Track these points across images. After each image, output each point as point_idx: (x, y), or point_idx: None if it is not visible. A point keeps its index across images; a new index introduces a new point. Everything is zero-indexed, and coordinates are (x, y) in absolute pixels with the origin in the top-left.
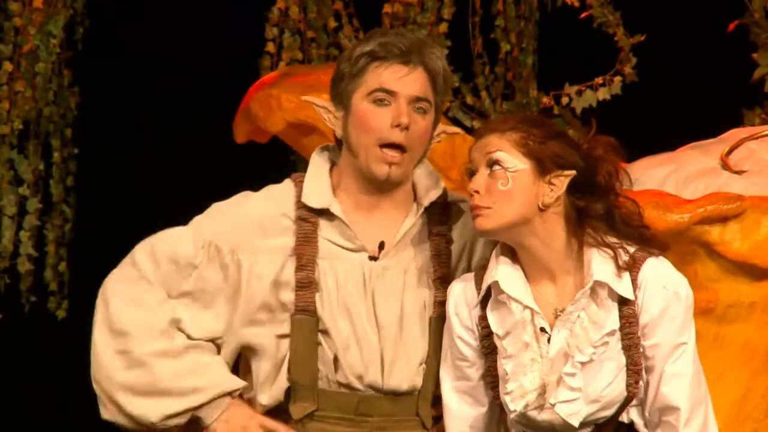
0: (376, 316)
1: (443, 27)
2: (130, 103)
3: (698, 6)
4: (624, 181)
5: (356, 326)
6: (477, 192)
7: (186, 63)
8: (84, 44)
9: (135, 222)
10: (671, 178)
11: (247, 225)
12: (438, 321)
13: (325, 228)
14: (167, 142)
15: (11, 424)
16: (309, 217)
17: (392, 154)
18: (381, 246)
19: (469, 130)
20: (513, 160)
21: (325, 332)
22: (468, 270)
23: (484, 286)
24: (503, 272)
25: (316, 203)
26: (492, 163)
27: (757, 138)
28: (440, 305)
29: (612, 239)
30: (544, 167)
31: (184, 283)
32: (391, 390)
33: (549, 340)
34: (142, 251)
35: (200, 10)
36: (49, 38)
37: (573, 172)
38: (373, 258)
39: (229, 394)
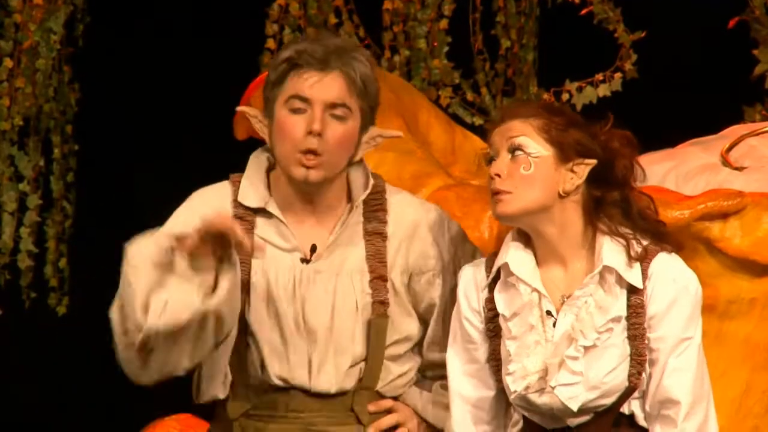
0: (305, 320)
1: (444, 23)
2: (130, 99)
3: (699, 2)
4: (639, 176)
5: (284, 330)
6: (498, 176)
7: (186, 59)
8: (84, 41)
9: (135, 218)
10: (671, 174)
11: (192, 221)
12: (379, 321)
13: (261, 227)
14: (167, 138)
15: (11, 420)
16: (245, 216)
17: (308, 158)
18: (313, 249)
19: (470, 127)
20: (536, 145)
21: (252, 335)
22: (406, 266)
23: (494, 268)
24: (514, 255)
25: (252, 202)
26: (514, 148)
27: (757, 134)
28: (380, 305)
29: (626, 230)
30: (566, 155)
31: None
32: (318, 392)
33: (554, 325)
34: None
35: (200, 6)
36: (50, 34)
37: (594, 161)
38: (304, 261)
39: None
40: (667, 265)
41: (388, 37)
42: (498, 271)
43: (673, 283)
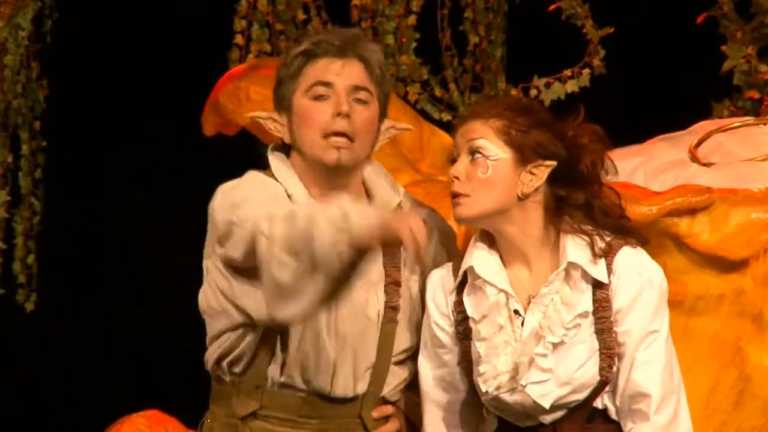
0: (337, 328)
1: (412, 19)
2: (98, 95)
3: None
4: (610, 170)
5: (315, 336)
6: (457, 178)
7: (154, 55)
8: (52, 37)
9: (103, 215)
10: (640, 170)
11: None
12: (388, 326)
13: None
14: (136, 134)
15: None
16: None
17: (339, 140)
18: None
19: (438, 123)
20: (494, 148)
21: (282, 337)
22: (421, 272)
23: (461, 272)
24: (479, 257)
25: (300, 197)
26: (473, 151)
27: (725, 130)
28: (391, 310)
29: (589, 227)
30: (525, 157)
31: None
32: (337, 396)
33: (523, 324)
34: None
35: (169, 3)
36: (18, 31)
37: (554, 163)
38: None
39: None
40: (632, 259)
41: None
42: (465, 275)
43: (637, 276)
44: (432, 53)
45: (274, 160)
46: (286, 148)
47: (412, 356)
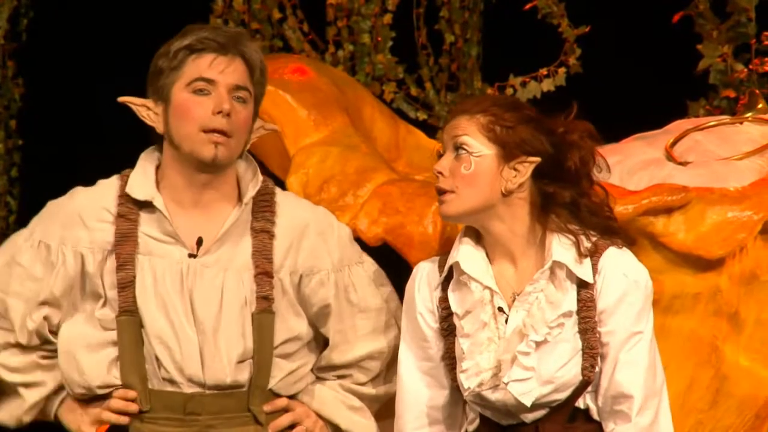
0: (194, 313)
1: (387, 18)
2: (74, 94)
3: None
4: (602, 166)
5: (173, 322)
6: (441, 174)
7: (130, 54)
8: (28, 35)
9: None
10: (616, 169)
11: (70, 218)
12: (262, 316)
13: (145, 223)
14: (112, 133)
15: None
16: (129, 213)
17: (217, 136)
18: (199, 242)
19: (414, 122)
20: (478, 145)
21: (144, 328)
22: (295, 266)
23: (446, 267)
24: (465, 253)
25: (139, 195)
26: (458, 147)
27: (701, 129)
28: (264, 300)
29: (574, 226)
30: (509, 153)
31: (24, 285)
32: (213, 384)
33: (507, 321)
34: None
35: (145, 2)
36: None
37: (537, 159)
38: (192, 255)
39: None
40: (618, 260)
41: (332, 32)
42: (451, 270)
43: (623, 277)
44: (408, 52)
45: (143, 160)
46: (161, 152)
47: (299, 348)
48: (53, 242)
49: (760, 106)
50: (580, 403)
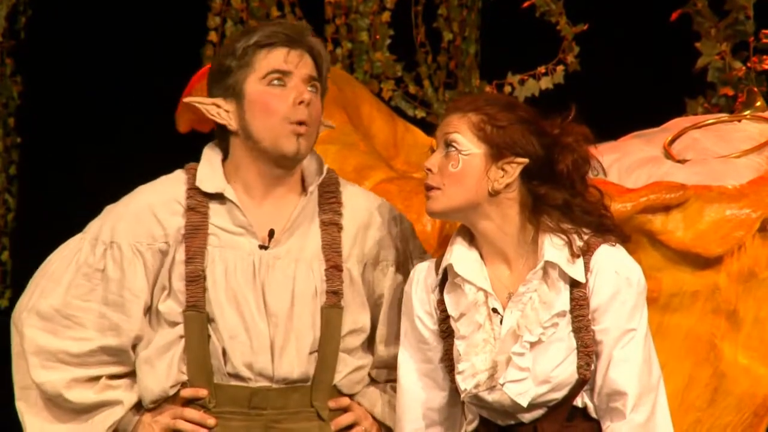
0: (266, 305)
1: (386, 16)
2: (72, 92)
3: None
4: (598, 169)
5: (244, 314)
6: (429, 170)
7: (129, 52)
8: (26, 33)
9: (78, 211)
10: (614, 167)
11: (141, 214)
12: (330, 311)
13: (216, 215)
14: (110, 131)
15: None
16: (199, 205)
17: (300, 127)
18: (270, 234)
19: (412, 120)
20: (467, 143)
21: (213, 323)
22: (362, 256)
23: (441, 270)
24: (458, 255)
25: (210, 188)
26: (448, 144)
27: (700, 127)
28: (333, 295)
29: (567, 225)
30: (498, 153)
31: (95, 291)
32: (281, 377)
33: (501, 322)
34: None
35: None
36: None
37: (525, 160)
38: (263, 247)
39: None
40: (609, 258)
41: (330, 30)
42: (446, 272)
43: (615, 275)
44: (406, 50)
45: (208, 154)
46: (223, 147)
47: (362, 343)
48: (125, 242)
49: (758, 104)
50: (578, 402)
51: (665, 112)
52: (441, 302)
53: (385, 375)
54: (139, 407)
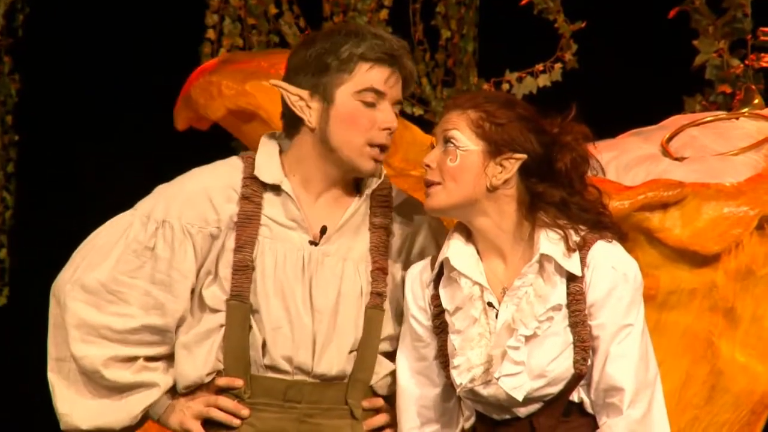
0: (312, 300)
1: (384, 14)
2: (71, 89)
3: None
4: (596, 168)
5: (290, 307)
6: (428, 166)
7: (127, 49)
8: (24, 31)
9: (76, 209)
10: (612, 164)
11: (196, 197)
12: (373, 311)
13: (270, 206)
14: (108, 128)
15: None
16: (253, 195)
17: (379, 152)
18: (323, 231)
19: (410, 117)
20: (465, 139)
21: (257, 313)
22: (408, 263)
23: (437, 264)
24: (455, 249)
25: (268, 178)
26: (446, 140)
27: (698, 125)
28: (377, 296)
29: (563, 222)
30: (496, 149)
31: (143, 268)
32: (320, 374)
33: (497, 316)
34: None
35: None
36: None
37: (523, 156)
38: (313, 243)
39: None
40: (606, 253)
41: (328, 28)
42: (442, 267)
43: (612, 270)
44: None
45: (266, 145)
46: (281, 139)
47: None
48: (177, 222)
49: (756, 101)
50: (574, 397)
51: (663, 110)
52: (435, 297)
53: None
54: (172, 391)
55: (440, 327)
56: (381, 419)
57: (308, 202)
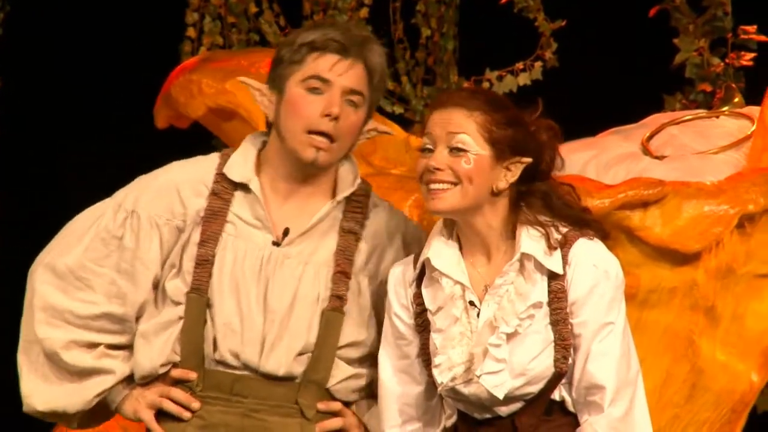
0: (266, 300)
1: (364, 12)
2: (52, 89)
3: None
4: (558, 165)
5: (242, 305)
6: (438, 169)
7: (108, 48)
8: (5, 30)
9: (58, 208)
10: (592, 163)
11: (164, 190)
12: (332, 314)
13: (238, 204)
14: (90, 127)
15: None
16: (223, 191)
17: (320, 140)
18: (285, 232)
19: (390, 116)
20: (475, 145)
21: (212, 308)
22: (376, 272)
23: (419, 264)
24: (436, 249)
25: (236, 176)
26: (455, 144)
27: (678, 123)
28: (337, 299)
29: (545, 218)
30: (502, 154)
31: (110, 257)
32: (267, 372)
33: (478, 315)
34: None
35: None
36: None
37: (528, 160)
38: (275, 243)
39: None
40: (587, 251)
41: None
42: (423, 266)
43: (593, 268)
44: (384, 46)
45: (247, 142)
46: (266, 137)
47: (364, 357)
48: (145, 213)
49: (736, 99)
50: (555, 396)
51: (643, 109)
52: (418, 296)
53: None
54: (131, 381)
55: (422, 325)
56: (335, 423)
57: (276, 203)
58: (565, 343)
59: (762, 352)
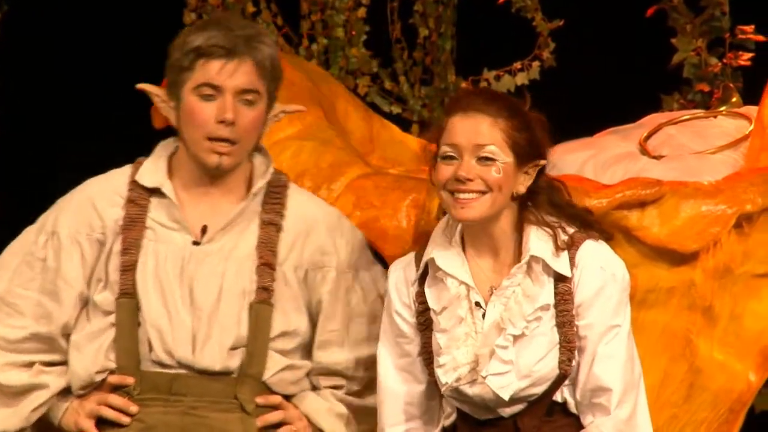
0: (192, 299)
1: (362, 12)
2: (50, 89)
3: None
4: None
5: (169, 305)
6: (470, 180)
7: (106, 48)
8: (2, 30)
9: None
10: (590, 163)
11: (82, 206)
12: (260, 307)
13: (155, 209)
14: (88, 127)
15: None
16: (139, 198)
17: (220, 145)
18: (203, 230)
19: (388, 116)
20: (502, 154)
21: (142, 314)
22: (300, 261)
23: (422, 263)
24: (440, 249)
25: (148, 182)
26: (483, 154)
27: (675, 123)
28: (263, 291)
29: (552, 219)
30: (523, 159)
31: (35, 279)
32: (202, 368)
33: (484, 316)
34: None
35: None
36: None
37: (544, 162)
38: (196, 243)
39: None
40: (595, 253)
41: (306, 26)
42: (427, 266)
43: (600, 270)
44: (382, 46)
45: (159, 148)
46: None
47: (297, 347)
48: (65, 231)
49: (734, 99)
50: (557, 397)
51: (641, 108)
52: (420, 294)
53: (326, 382)
54: (69, 394)
55: (425, 324)
56: (276, 416)
57: (191, 203)
58: (570, 345)
59: (760, 352)
